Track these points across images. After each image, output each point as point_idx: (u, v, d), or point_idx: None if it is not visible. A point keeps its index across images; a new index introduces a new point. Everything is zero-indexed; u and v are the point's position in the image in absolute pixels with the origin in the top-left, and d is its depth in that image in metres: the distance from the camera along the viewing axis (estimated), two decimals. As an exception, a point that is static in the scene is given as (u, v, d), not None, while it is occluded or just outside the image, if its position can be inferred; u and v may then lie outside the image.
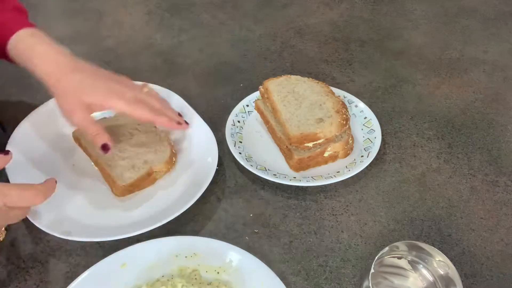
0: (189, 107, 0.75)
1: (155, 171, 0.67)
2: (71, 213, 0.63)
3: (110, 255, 0.56)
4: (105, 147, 0.62)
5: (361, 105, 0.78)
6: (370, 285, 0.49)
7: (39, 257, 0.60)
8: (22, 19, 0.64)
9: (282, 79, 0.77)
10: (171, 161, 0.69)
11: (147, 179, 0.66)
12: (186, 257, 0.57)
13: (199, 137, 0.72)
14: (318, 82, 0.77)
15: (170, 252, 0.57)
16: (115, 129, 0.70)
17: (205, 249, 0.58)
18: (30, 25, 0.63)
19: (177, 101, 0.76)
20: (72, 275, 0.57)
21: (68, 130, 0.70)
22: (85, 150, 0.70)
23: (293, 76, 0.77)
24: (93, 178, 0.68)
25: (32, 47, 0.60)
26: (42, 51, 0.60)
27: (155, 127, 0.72)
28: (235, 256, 0.57)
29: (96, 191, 0.67)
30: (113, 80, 0.63)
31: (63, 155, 0.71)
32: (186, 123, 0.70)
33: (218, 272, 0.56)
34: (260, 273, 0.55)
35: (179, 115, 0.70)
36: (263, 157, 0.72)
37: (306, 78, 0.77)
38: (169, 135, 0.72)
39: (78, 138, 0.70)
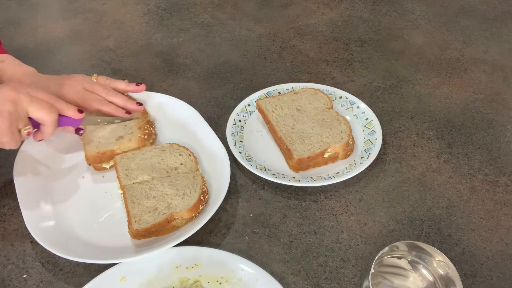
0: (208, 125, 0.74)
1: (176, 218, 0.61)
2: (80, 234, 0.61)
3: (109, 268, 0.55)
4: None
5: (363, 106, 0.78)
6: (370, 285, 0.49)
7: (39, 257, 0.60)
8: None
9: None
10: (196, 209, 0.61)
11: (166, 226, 0.60)
12: (187, 268, 0.56)
13: (213, 155, 0.70)
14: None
15: (170, 264, 0.56)
16: (156, 164, 0.67)
17: (207, 260, 0.56)
18: (3, 52, 0.72)
19: (193, 116, 0.75)
20: (73, 275, 0.58)
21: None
22: (118, 177, 0.66)
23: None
24: (110, 200, 0.66)
25: (3, 70, 0.70)
26: (10, 73, 0.70)
27: (197, 169, 0.67)
28: (237, 266, 0.56)
29: (108, 211, 0.65)
30: (63, 86, 0.69)
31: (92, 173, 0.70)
32: (140, 104, 0.73)
33: (220, 283, 0.55)
34: (264, 283, 0.54)
35: (140, 103, 0.74)
36: (263, 157, 0.72)
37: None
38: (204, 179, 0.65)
39: (116, 162, 0.68)
